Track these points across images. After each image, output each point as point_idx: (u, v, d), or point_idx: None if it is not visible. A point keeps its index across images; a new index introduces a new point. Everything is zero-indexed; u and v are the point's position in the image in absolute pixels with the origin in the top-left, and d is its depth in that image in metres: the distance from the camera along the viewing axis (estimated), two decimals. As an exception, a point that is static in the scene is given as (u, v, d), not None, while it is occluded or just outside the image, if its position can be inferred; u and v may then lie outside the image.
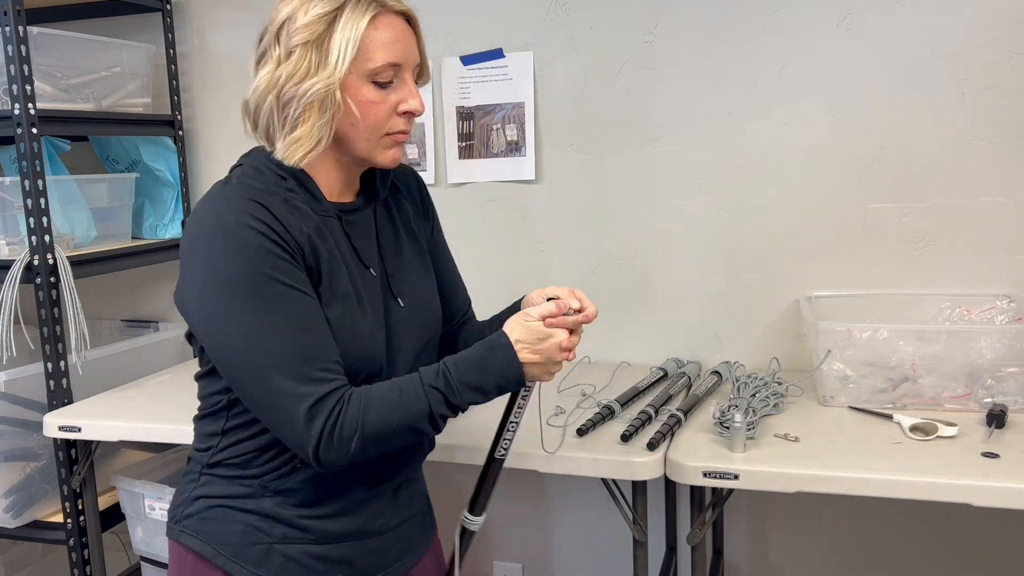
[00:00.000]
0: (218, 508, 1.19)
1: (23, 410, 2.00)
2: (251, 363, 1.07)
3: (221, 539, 1.18)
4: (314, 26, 1.10)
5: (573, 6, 2.06)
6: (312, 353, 1.07)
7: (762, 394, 1.70)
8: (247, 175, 1.14)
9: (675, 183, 2.05)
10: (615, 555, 2.23)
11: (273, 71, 1.12)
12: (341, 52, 1.10)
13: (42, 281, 1.93)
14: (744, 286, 2.03)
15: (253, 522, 1.17)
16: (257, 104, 1.14)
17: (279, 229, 1.08)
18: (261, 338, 1.06)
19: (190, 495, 1.21)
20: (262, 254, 1.06)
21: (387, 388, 1.10)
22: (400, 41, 1.14)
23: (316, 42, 1.10)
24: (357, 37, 1.10)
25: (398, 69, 1.14)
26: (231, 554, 1.18)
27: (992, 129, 1.83)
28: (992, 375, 1.62)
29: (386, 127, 1.16)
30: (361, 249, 1.21)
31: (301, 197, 1.15)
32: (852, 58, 1.89)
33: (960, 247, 1.88)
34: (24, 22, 1.88)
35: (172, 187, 2.40)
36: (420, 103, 1.17)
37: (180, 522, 1.21)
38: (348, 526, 1.21)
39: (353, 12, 1.10)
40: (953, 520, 1.96)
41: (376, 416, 1.07)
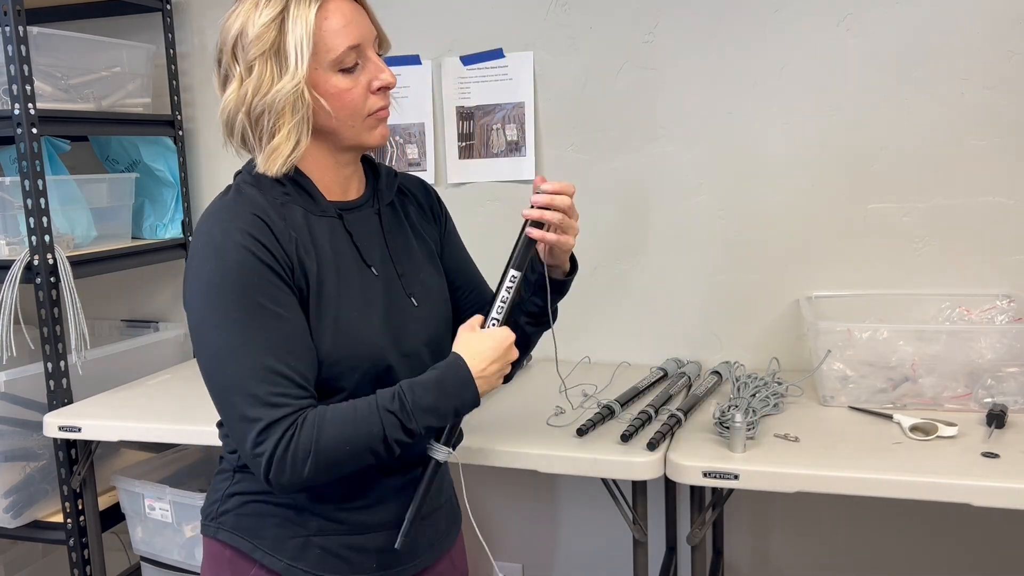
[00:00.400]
0: (253, 503, 1.20)
1: (23, 410, 2.00)
2: (216, 379, 1.09)
3: (258, 534, 1.19)
4: (266, 35, 1.11)
5: (573, 6, 2.06)
6: (273, 377, 1.07)
7: (762, 394, 1.70)
8: (246, 182, 1.16)
9: (675, 183, 2.05)
10: (615, 555, 2.23)
11: (238, 89, 1.14)
12: (298, 52, 1.11)
13: (42, 281, 1.93)
14: (744, 286, 2.03)
15: (289, 516, 1.19)
16: (229, 123, 1.17)
17: (270, 244, 1.09)
18: (228, 357, 1.07)
19: (224, 492, 1.22)
20: (247, 273, 1.07)
21: (343, 411, 1.09)
22: (352, 22, 1.14)
23: (272, 50, 1.12)
24: (310, 32, 1.11)
25: (359, 50, 1.15)
26: (269, 548, 1.19)
27: (992, 129, 1.83)
28: (992, 375, 1.62)
29: (365, 108, 1.16)
30: (363, 248, 1.21)
31: (298, 200, 1.16)
32: (852, 58, 1.89)
33: (960, 247, 1.88)
34: (24, 22, 1.88)
35: (172, 187, 2.39)
36: (391, 74, 1.17)
37: (216, 519, 1.22)
38: (382, 516, 1.21)
39: (298, 9, 1.11)
40: (953, 520, 1.96)
41: (330, 441, 1.07)
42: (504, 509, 2.32)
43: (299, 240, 1.13)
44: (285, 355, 1.08)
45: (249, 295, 1.07)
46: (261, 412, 1.06)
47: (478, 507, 2.34)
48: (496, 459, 1.56)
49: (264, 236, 1.09)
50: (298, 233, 1.13)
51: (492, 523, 2.33)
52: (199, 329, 1.10)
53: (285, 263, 1.10)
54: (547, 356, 2.19)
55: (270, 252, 1.09)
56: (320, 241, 1.16)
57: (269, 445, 1.05)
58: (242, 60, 1.14)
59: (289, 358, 1.08)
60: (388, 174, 1.30)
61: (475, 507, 2.33)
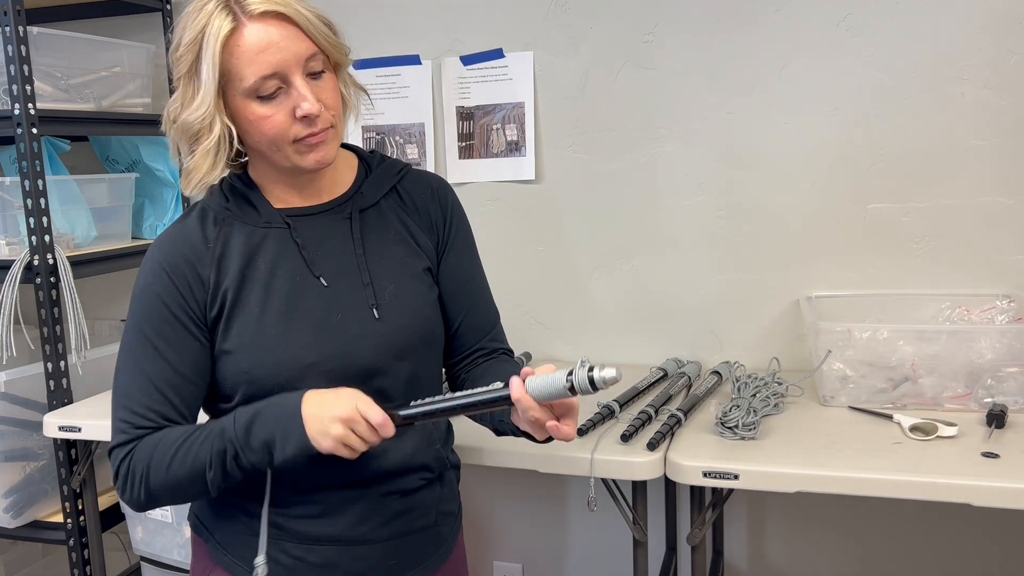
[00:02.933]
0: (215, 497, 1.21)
1: (23, 410, 2.00)
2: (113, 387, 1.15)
3: (213, 524, 1.22)
4: (187, 55, 1.10)
5: (573, 6, 2.06)
6: (136, 404, 1.11)
7: (762, 394, 1.70)
8: (203, 201, 1.20)
9: (675, 183, 2.05)
10: (615, 555, 2.23)
11: (169, 104, 1.14)
12: (207, 81, 1.08)
13: (42, 281, 1.93)
14: (744, 286, 2.03)
15: (238, 516, 1.19)
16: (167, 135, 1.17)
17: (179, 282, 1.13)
18: (119, 372, 1.14)
19: None
20: (147, 301, 1.14)
21: (174, 439, 1.09)
22: (271, 47, 1.07)
23: (189, 72, 1.11)
24: (216, 63, 1.07)
25: (280, 76, 1.08)
26: (219, 539, 1.21)
27: (992, 129, 1.83)
28: (992, 375, 1.62)
29: (289, 135, 1.10)
30: (312, 258, 1.17)
31: (239, 215, 1.17)
32: (852, 58, 1.89)
33: (960, 247, 1.88)
34: (24, 22, 1.88)
35: (172, 187, 2.39)
36: (312, 104, 1.08)
37: (193, 506, 1.27)
38: (326, 530, 1.17)
39: (210, 35, 1.07)
40: (953, 520, 1.96)
41: (157, 471, 1.08)
42: (504, 509, 2.32)
43: (222, 265, 1.14)
44: (151, 390, 1.11)
45: (140, 323, 1.14)
46: (120, 431, 1.12)
47: (478, 507, 2.34)
48: (496, 459, 1.56)
49: (175, 274, 1.13)
50: (225, 256, 1.15)
51: (492, 523, 2.33)
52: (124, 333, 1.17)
53: (190, 299, 1.13)
54: (548, 356, 2.20)
55: (176, 289, 1.13)
56: (257, 257, 1.15)
57: (115, 464, 1.11)
58: (174, 74, 1.14)
59: (153, 394, 1.11)
60: (383, 175, 1.25)
61: (475, 507, 2.34)
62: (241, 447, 1.06)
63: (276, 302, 1.14)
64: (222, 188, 1.19)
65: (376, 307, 1.17)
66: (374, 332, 1.16)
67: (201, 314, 1.14)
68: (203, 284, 1.13)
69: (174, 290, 1.13)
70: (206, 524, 1.23)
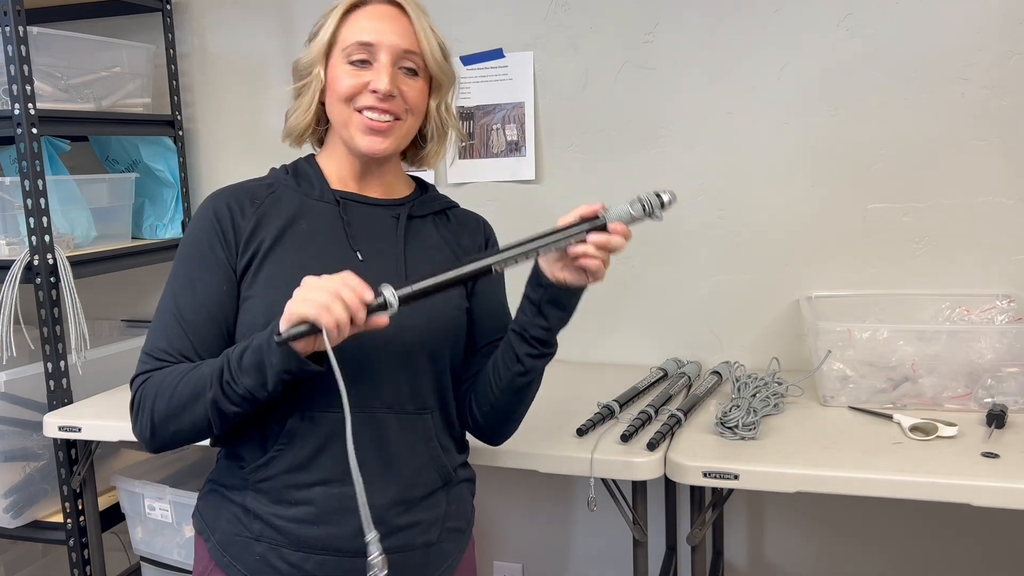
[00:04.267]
0: (215, 494, 1.23)
1: (23, 410, 2.00)
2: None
3: (213, 525, 1.22)
4: (319, 21, 1.24)
5: (573, 6, 2.06)
6: (161, 339, 1.16)
7: (762, 394, 1.70)
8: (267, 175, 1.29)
9: (675, 183, 2.05)
10: (615, 555, 2.23)
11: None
12: (322, 35, 1.21)
13: (42, 281, 1.93)
14: (744, 286, 2.03)
15: (238, 514, 1.19)
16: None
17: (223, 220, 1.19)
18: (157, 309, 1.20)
19: (207, 477, 1.27)
20: (192, 241, 1.19)
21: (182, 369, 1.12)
22: (374, 24, 1.19)
23: (315, 32, 1.24)
24: (334, 22, 1.21)
25: (371, 50, 1.18)
26: (217, 541, 1.20)
27: (992, 129, 1.83)
28: (992, 375, 1.62)
29: (358, 101, 1.19)
30: (354, 235, 1.22)
31: (292, 185, 1.25)
32: (852, 58, 1.89)
33: (960, 247, 1.88)
34: (24, 22, 1.88)
35: (172, 187, 2.40)
36: (386, 83, 1.17)
37: (197, 503, 1.27)
38: (323, 536, 1.14)
39: (340, 4, 1.22)
40: (953, 520, 1.97)
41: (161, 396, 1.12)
42: (504, 509, 2.32)
43: (263, 219, 1.20)
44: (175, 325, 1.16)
45: (181, 259, 1.21)
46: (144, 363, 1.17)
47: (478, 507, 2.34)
48: (496, 459, 1.56)
49: (218, 217, 1.19)
50: (269, 214, 1.20)
51: (492, 523, 2.33)
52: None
53: (224, 242, 1.18)
54: (547, 356, 2.20)
55: (214, 231, 1.18)
56: (300, 220, 1.21)
57: (134, 393, 1.16)
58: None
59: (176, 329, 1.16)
60: (437, 197, 1.35)
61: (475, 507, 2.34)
62: (234, 371, 1.06)
63: (307, 261, 1.17)
64: (287, 168, 1.29)
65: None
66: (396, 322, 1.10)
67: (233, 259, 1.18)
68: (238, 232, 1.19)
69: (212, 232, 1.18)
70: (208, 523, 1.23)
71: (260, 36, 2.35)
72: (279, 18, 2.32)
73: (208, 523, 1.22)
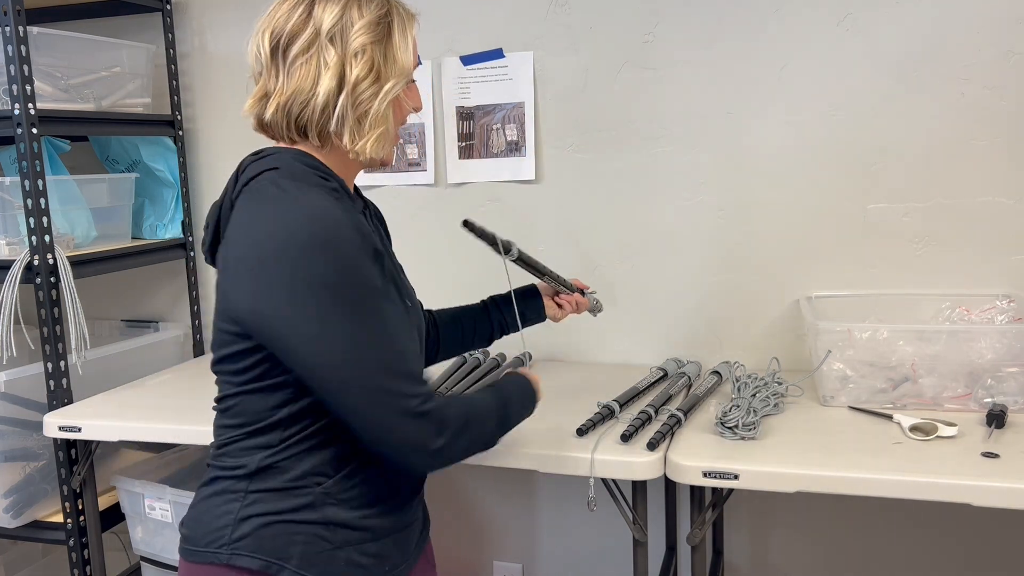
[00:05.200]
0: (279, 524, 1.16)
1: (23, 410, 2.00)
2: (358, 370, 1.08)
3: (284, 553, 1.16)
4: (375, 28, 1.18)
5: (573, 6, 2.06)
6: (410, 354, 1.16)
7: (762, 394, 1.70)
8: (297, 175, 1.14)
9: (675, 183, 2.05)
10: (615, 555, 2.23)
11: (339, 73, 1.16)
12: (405, 53, 1.22)
13: (42, 281, 1.93)
14: (744, 286, 2.04)
15: (317, 532, 1.17)
16: (323, 105, 1.16)
17: (364, 231, 1.12)
18: (368, 344, 1.08)
19: (236, 516, 1.17)
20: (358, 257, 1.09)
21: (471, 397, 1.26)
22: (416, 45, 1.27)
23: (378, 43, 1.19)
24: (413, 39, 1.24)
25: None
26: (296, 565, 1.16)
27: (992, 129, 1.83)
28: (992, 375, 1.62)
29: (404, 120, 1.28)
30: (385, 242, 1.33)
31: (342, 194, 1.19)
32: (852, 58, 1.89)
33: (960, 247, 1.88)
34: (24, 22, 1.88)
35: (172, 187, 2.40)
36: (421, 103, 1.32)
37: (230, 544, 1.16)
38: (395, 521, 1.25)
39: (401, 17, 1.22)
40: (953, 520, 1.97)
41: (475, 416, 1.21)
42: (504, 509, 2.32)
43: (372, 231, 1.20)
44: (407, 333, 1.20)
45: (369, 280, 1.09)
46: (419, 388, 1.12)
47: (478, 507, 2.34)
48: (496, 459, 1.56)
49: (365, 233, 1.12)
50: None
51: (492, 523, 2.33)
52: (319, 324, 1.06)
53: (373, 249, 1.13)
54: (548, 355, 2.20)
55: (367, 237, 1.12)
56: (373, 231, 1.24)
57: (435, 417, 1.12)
58: (342, 47, 1.17)
59: (409, 335, 1.21)
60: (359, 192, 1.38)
61: (475, 507, 2.34)
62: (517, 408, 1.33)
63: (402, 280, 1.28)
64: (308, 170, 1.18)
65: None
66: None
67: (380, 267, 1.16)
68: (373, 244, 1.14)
69: (370, 248, 1.12)
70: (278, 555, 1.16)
71: (260, 36, 2.35)
72: (279, 18, 2.32)
73: (278, 555, 1.16)
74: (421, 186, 2.23)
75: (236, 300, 1.11)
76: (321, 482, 1.17)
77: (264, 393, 1.15)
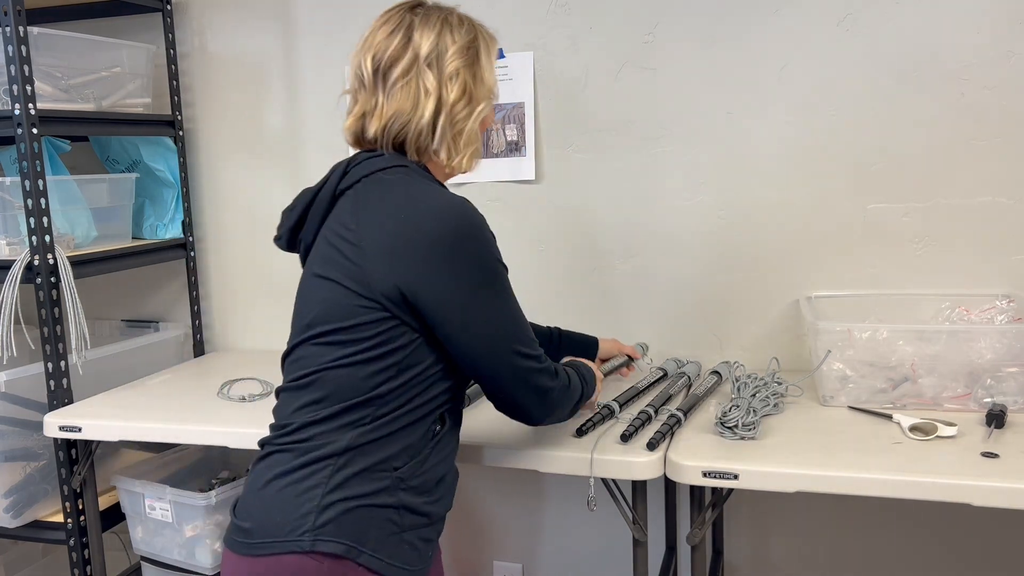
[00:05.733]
0: (360, 508, 1.21)
1: (23, 410, 2.00)
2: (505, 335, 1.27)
3: (362, 537, 1.20)
4: (466, 53, 1.33)
5: (573, 6, 2.06)
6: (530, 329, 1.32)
7: (762, 394, 1.70)
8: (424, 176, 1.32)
9: (675, 183, 2.05)
10: (615, 555, 2.23)
11: (437, 96, 1.30)
12: (491, 74, 1.36)
13: (42, 281, 1.93)
14: (744, 286, 2.04)
15: (390, 516, 1.23)
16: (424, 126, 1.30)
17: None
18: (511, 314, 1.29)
19: (320, 503, 1.19)
20: (495, 244, 1.28)
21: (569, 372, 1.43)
22: None
23: (469, 67, 1.33)
24: (494, 62, 1.37)
25: None
26: (372, 549, 1.21)
27: (992, 129, 1.83)
28: (992, 375, 1.62)
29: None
30: None
31: None
32: (852, 58, 1.89)
33: (960, 247, 1.89)
34: (24, 22, 1.88)
35: (172, 187, 2.40)
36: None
37: (314, 531, 1.18)
38: (447, 507, 1.34)
39: (486, 41, 1.37)
40: (953, 520, 1.97)
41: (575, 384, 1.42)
42: (504, 509, 2.32)
43: None
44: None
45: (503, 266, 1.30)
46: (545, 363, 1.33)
47: (478, 507, 2.34)
48: (496, 459, 1.56)
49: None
50: None
51: (492, 523, 2.33)
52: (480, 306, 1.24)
53: None
54: (547, 356, 2.20)
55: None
56: None
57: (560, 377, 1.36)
58: (439, 71, 1.31)
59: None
60: None
61: (475, 507, 2.34)
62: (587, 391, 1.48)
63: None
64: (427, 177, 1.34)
65: None
66: None
67: None
68: None
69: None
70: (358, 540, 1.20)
71: (260, 36, 2.35)
72: (279, 18, 2.32)
73: (355, 537, 1.19)
74: (421, 186, 2.23)
75: (389, 275, 1.21)
76: (398, 467, 1.24)
77: (369, 364, 1.23)
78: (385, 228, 1.22)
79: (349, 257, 1.24)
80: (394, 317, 1.22)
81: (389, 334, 1.22)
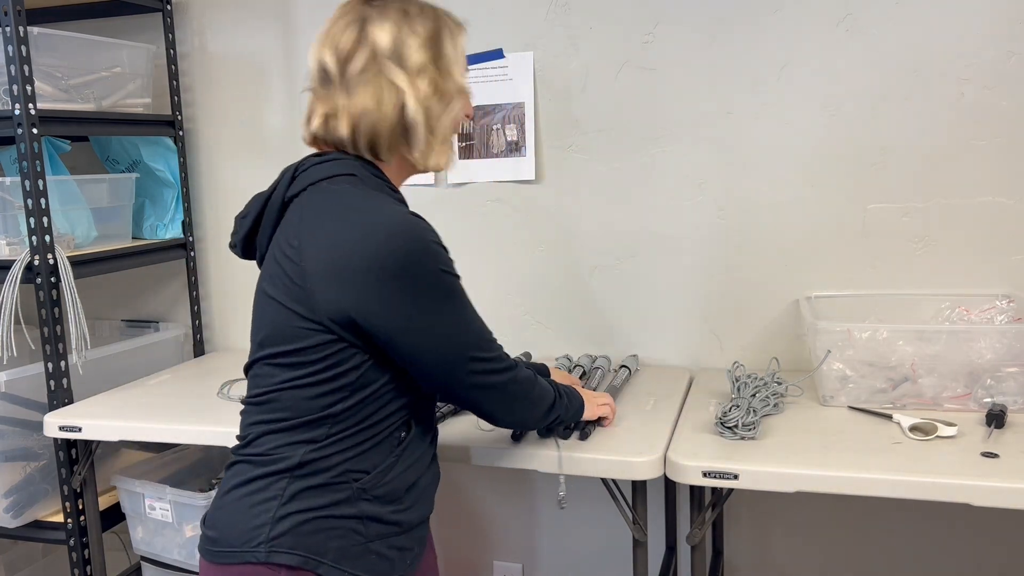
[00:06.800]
0: (316, 520, 1.19)
1: (23, 410, 2.00)
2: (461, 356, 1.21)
3: (321, 548, 1.18)
4: (430, 45, 1.25)
5: (573, 6, 2.06)
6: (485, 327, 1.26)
7: (762, 394, 1.70)
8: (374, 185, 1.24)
9: (675, 183, 2.05)
10: (615, 555, 2.23)
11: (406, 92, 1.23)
12: (460, 68, 1.29)
13: (42, 281, 1.93)
14: (744, 286, 2.04)
15: (352, 526, 1.20)
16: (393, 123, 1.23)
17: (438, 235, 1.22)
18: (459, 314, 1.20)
19: (275, 515, 1.18)
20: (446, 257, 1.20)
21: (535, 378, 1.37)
22: None
23: (435, 61, 1.25)
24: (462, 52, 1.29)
25: None
26: (332, 560, 1.18)
27: (992, 129, 1.83)
28: (992, 375, 1.62)
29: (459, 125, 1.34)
30: None
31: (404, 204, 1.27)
32: (852, 58, 1.89)
33: (960, 247, 1.89)
34: (24, 22, 1.88)
35: (172, 187, 2.40)
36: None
37: (268, 542, 1.17)
38: (421, 514, 1.30)
39: (451, 30, 1.29)
40: (953, 520, 1.97)
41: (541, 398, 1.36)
42: (504, 509, 2.32)
43: None
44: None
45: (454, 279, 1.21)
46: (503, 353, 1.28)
47: (478, 507, 2.34)
48: (496, 459, 1.56)
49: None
50: None
51: (492, 523, 2.33)
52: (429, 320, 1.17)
53: None
54: (547, 356, 2.20)
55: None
56: None
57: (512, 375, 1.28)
58: (403, 65, 1.23)
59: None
60: None
61: (475, 507, 2.34)
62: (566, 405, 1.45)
63: None
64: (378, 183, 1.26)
65: None
66: None
67: None
68: None
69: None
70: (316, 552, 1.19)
71: (260, 36, 2.35)
72: (279, 18, 2.33)
73: (313, 549, 1.18)
74: (421, 186, 2.23)
75: (335, 300, 1.15)
76: (359, 478, 1.21)
77: (321, 386, 1.18)
78: (325, 250, 1.16)
79: (292, 278, 1.18)
80: (341, 340, 1.17)
81: (337, 357, 1.17)
